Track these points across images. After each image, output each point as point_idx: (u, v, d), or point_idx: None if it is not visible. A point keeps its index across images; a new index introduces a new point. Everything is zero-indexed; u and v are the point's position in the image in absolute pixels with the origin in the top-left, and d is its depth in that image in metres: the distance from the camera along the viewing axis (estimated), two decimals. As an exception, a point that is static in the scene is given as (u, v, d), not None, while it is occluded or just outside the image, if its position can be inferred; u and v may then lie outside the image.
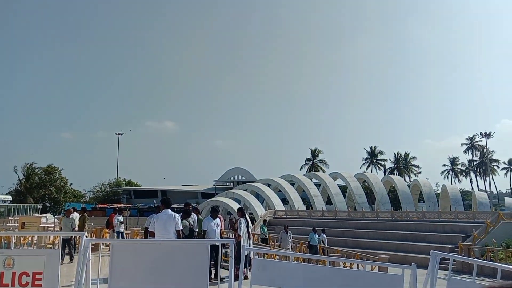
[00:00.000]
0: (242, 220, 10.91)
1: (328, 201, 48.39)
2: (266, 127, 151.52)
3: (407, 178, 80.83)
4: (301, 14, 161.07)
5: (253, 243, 12.94)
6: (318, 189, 48.36)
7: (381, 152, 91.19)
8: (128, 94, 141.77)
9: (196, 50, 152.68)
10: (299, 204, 43.24)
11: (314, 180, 53.73)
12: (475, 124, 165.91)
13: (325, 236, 23.84)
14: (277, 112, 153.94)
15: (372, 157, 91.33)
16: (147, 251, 6.59)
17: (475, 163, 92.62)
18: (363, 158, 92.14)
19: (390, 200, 46.18)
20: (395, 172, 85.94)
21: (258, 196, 46.63)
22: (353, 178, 48.47)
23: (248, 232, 11.07)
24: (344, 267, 13.49)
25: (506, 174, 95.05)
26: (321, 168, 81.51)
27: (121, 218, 16.77)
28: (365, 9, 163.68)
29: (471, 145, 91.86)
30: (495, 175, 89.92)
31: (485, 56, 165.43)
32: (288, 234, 21.42)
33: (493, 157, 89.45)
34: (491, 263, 10.79)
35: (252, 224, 34.34)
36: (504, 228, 22.86)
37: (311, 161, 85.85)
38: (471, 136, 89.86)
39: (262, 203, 44.91)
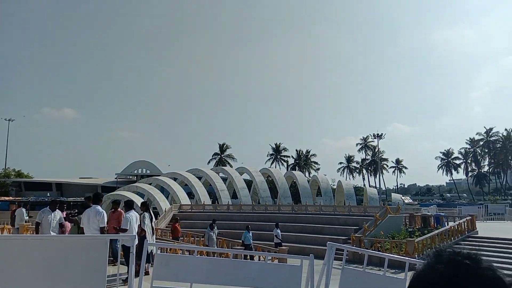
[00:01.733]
0: (146, 214, 10.58)
1: (234, 195, 49.08)
2: (173, 120, 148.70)
3: (307, 174, 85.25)
4: (209, 13, 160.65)
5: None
6: (225, 183, 48.75)
7: (285, 149, 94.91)
8: (22, 77, 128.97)
9: (103, 35, 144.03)
10: (205, 198, 43.19)
11: (221, 174, 54.04)
12: (370, 126, 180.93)
13: (279, 231, 23.24)
14: (186, 106, 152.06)
15: (277, 153, 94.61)
16: (38, 248, 6.04)
17: (367, 161, 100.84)
18: (268, 154, 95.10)
19: (291, 194, 48.27)
20: (297, 168, 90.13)
21: (163, 190, 45.58)
22: (258, 173, 49.76)
23: (152, 227, 10.78)
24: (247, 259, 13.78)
25: (394, 172, 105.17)
26: (229, 163, 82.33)
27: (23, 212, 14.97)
28: (273, 10, 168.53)
29: (365, 145, 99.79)
30: (384, 173, 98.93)
31: (382, 63, 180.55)
32: (213, 231, 20.20)
33: (383, 157, 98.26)
34: (379, 253, 11.84)
35: (156, 219, 33.55)
36: (390, 221, 25.22)
37: (219, 156, 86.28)
38: (365, 137, 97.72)
39: (167, 197, 44.00)
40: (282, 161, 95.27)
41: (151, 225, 10.69)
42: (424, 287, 0.91)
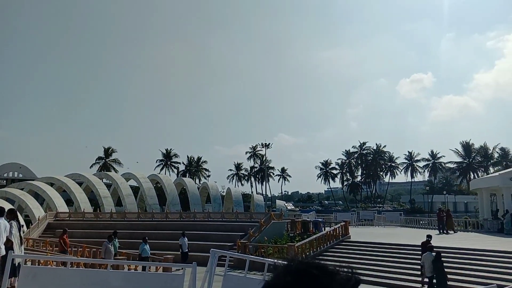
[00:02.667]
0: (14, 223, 9.52)
1: (119, 203, 46.67)
2: (54, 121, 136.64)
3: (197, 181, 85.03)
4: (137, 11, 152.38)
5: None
6: (109, 189, 46.10)
7: (176, 155, 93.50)
8: None
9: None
10: (86, 206, 40.27)
11: (105, 180, 51.01)
12: (259, 135, 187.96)
13: (186, 240, 22.84)
14: (70, 106, 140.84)
15: (167, 159, 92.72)
16: None
17: (255, 169, 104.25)
18: (158, 160, 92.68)
19: (180, 201, 47.57)
20: (188, 174, 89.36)
21: (37, 196, 41.41)
22: (146, 179, 48.04)
23: (20, 237, 9.74)
24: (128, 269, 13.21)
25: (279, 180, 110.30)
26: (114, 168, 78.23)
27: None
28: (169, 17, 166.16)
29: (254, 154, 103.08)
30: (270, 180, 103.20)
31: (272, 77, 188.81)
32: (112, 244, 18.52)
33: (270, 165, 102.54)
34: (260, 258, 12.28)
35: (28, 228, 30.31)
36: (274, 227, 26.37)
37: (104, 160, 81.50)
38: (254, 145, 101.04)
39: (42, 204, 40.07)
40: (173, 168, 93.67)
41: (19, 234, 9.65)
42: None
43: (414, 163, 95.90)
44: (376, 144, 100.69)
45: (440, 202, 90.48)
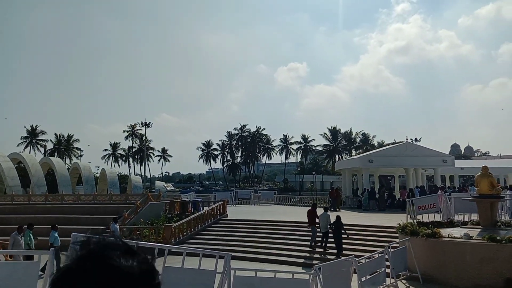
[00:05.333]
0: None
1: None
2: None
3: (68, 161, 78.63)
4: None
5: None
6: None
7: (42, 132, 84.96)
8: None
9: None
10: None
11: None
12: (139, 114, 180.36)
13: (117, 226, 19.98)
14: None
15: (32, 136, 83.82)
16: None
17: (134, 149, 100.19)
18: (21, 137, 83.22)
19: (48, 182, 43.46)
20: (56, 154, 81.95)
21: None
22: (6, 159, 42.59)
23: None
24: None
25: (159, 160, 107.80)
26: (-36, 145, 67.94)
27: None
28: None
29: (132, 133, 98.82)
30: (150, 161, 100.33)
31: (155, 56, 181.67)
32: (21, 236, 15.31)
33: (150, 145, 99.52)
34: (132, 241, 11.82)
35: None
36: (151, 208, 25.66)
37: (-50, 136, 70.17)
38: (133, 124, 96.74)
39: None
40: (39, 146, 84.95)
41: None
42: (63, 275, 0.92)
43: (288, 145, 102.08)
44: (256, 126, 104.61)
45: (309, 182, 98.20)
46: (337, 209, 29.70)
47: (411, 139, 43.56)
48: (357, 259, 11.07)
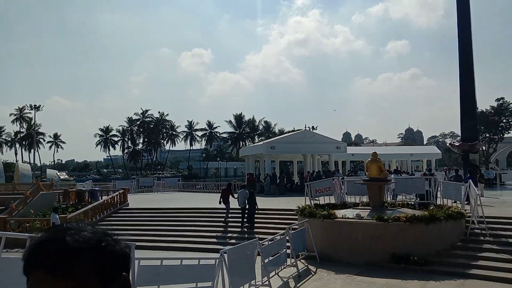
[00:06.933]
0: None
1: None
2: None
3: None
4: None
5: None
6: None
7: None
8: None
9: None
10: None
11: None
12: (28, 96, 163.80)
13: (57, 216, 17.89)
14: None
15: None
16: None
17: (22, 135, 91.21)
18: None
19: None
20: None
21: None
22: None
23: None
24: None
25: (50, 147, 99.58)
26: None
27: None
28: None
29: (20, 117, 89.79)
30: (40, 148, 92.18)
31: (39, 33, 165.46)
32: None
33: (40, 130, 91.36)
34: (20, 234, 10.83)
35: None
36: (42, 198, 23.64)
37: None
38: (21, 107, 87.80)
39: None
40: None
41: None
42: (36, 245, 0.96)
43: (193, 132, 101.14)
44: (159, 112, 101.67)
45: (214, 168, 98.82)
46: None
47: (309, 127, 46.01)
48: (260, 241, 11.47)
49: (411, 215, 13.49)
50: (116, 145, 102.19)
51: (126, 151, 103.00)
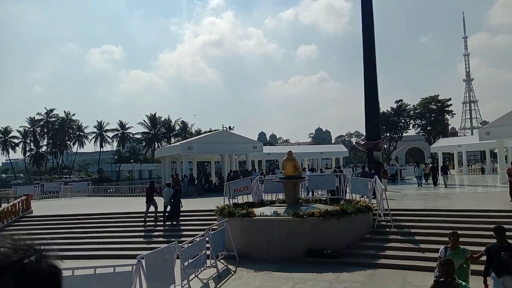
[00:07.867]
0: None
1: None
2: None
3: None
4: None
5: None
6: None
7: None
8: None
9: None
10: None
11: None
12: None
13: None
14: None
15: None
16: None
17: None
18: None
19: None
20: None
21: None
22: None
23: None
24: None
25: None
26: None
27: None
28: None
29: None
30: None
31: None
32: None
33: None
34: None
35: None
36: None
37: None
38: None
39: None
40: None
41: None
42: None
43: (103, 132, 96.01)
44: (65, 112, 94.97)
45: (127, 171, 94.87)
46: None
47: (226, 127, 46.34)
48: (180, 244, 11.26)
49: (324, 210, 14.19)
50: (16, 148, 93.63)
51: (28, 154, 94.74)
